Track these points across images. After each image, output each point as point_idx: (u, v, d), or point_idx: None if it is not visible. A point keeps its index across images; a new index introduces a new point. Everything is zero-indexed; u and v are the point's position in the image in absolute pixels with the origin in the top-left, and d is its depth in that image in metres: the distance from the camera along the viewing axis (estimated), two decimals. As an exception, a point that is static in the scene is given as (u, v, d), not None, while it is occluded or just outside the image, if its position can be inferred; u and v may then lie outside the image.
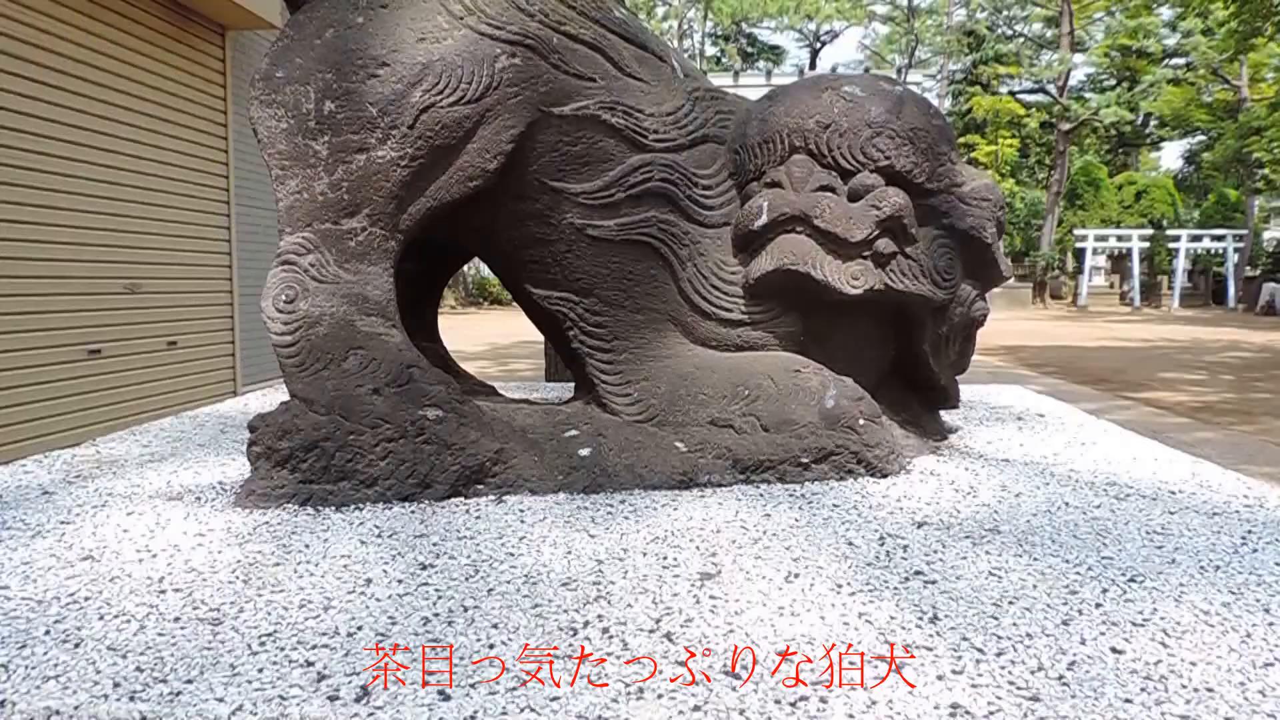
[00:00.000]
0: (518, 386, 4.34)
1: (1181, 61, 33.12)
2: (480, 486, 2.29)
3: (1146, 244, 30.73)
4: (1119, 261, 32.95)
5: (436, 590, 1.67)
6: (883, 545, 1.90)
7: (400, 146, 2.30)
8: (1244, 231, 30.13)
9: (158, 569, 1.80)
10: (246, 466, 2.59)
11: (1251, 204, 31.21)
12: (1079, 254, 31.44)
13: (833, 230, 2.45)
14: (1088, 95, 35.92)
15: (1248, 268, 30.79)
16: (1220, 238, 29.75)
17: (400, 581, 1.72)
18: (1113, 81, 36.21)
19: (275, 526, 2.07)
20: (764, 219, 2.49)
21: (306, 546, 1.93)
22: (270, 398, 4.03)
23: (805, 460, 2.41)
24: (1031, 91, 37.66)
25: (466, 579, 1.73)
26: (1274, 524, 2.05)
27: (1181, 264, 30.24)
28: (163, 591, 1.68)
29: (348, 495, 2.22)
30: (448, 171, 2.37)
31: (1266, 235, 33.73)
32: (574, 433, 2.45)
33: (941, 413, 3.00)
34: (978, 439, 2.93)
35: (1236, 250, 29.71)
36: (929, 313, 2.61)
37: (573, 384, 3.04)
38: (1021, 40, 37.64)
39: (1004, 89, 38.25)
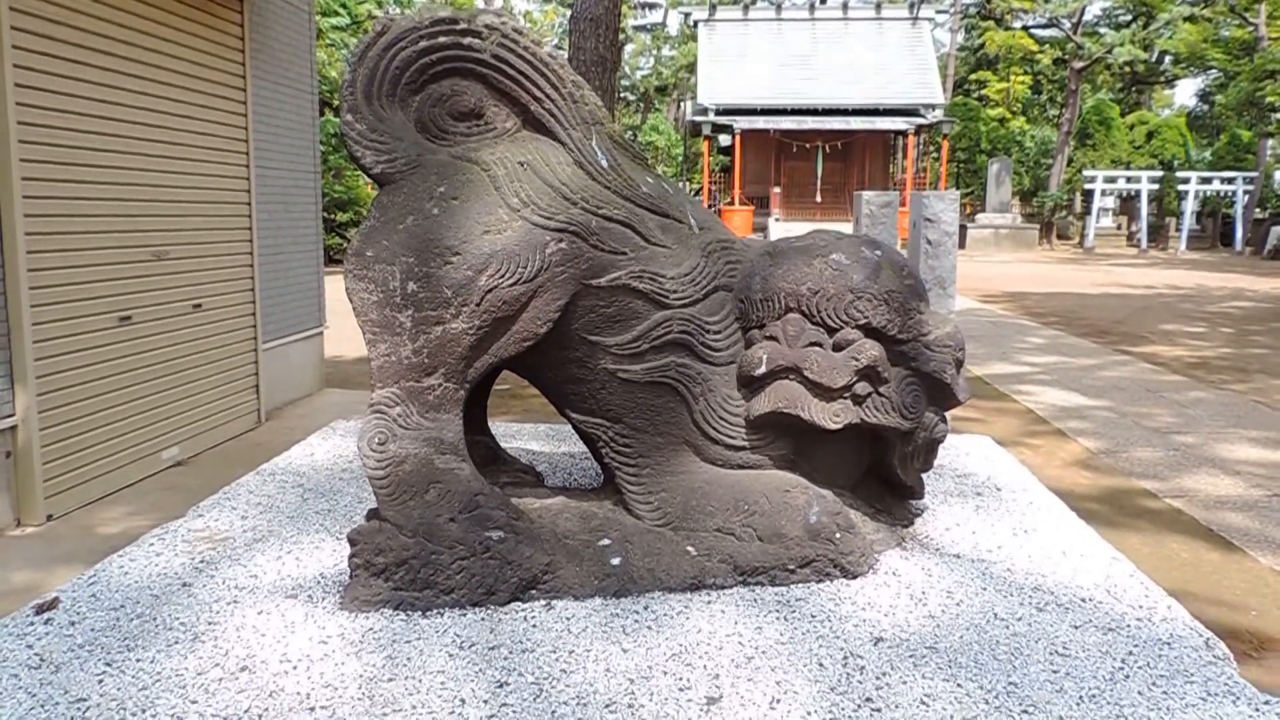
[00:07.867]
0: (547, 430, 4.93)
1: (1200, -5, 32.65)
2: (534, 592, 2.90)
3: (1156, 185, 30.73)
4: (1128, 203, 32.97)
5: (514, 712, 2.29)
6: (845, 666, 2.51)
7: (470, 320, 2.85)
8: (1254, 174, 30.11)
9: (300, 685, 2.43)
10: (335, 551, 3.22)
11: (1263, 146, 31.13)
12: (1087, 195, 31.50)
13: (819, 380, 3.00)
14: (1103, 31, 35.52)
15: (1257, 210, 30.84)
16: (1231, 180, 29.74)
17: (485, 702, 2.34)
18: (1128, 17, 35.77)
19: (379, 634, 2.68)
20: (763, 369, 3.05)
21: (408, 660, 2.55)
22: (332, 441, 4.63)
23: (791, 567, 3.01)
24: (1045, 27, 37.22)
25: (534, 699, 2.35)
26: (1152, 643, 2.64)
27: (1190, 206, 30.26)
28: (312, 709, 2.31)
29: (430, 601, 2.83)
30: (506, 335, 2.92)
31: (1278, 177, 33.64)
32: (607, 541, 3.05)
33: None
34: (938, 524, 3.52)
35: (1246, 193, 29.73)
36: (898, 436, 3.17)
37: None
38: (1039, -27, 37.00)
39: (1017, 24, 37.79)
